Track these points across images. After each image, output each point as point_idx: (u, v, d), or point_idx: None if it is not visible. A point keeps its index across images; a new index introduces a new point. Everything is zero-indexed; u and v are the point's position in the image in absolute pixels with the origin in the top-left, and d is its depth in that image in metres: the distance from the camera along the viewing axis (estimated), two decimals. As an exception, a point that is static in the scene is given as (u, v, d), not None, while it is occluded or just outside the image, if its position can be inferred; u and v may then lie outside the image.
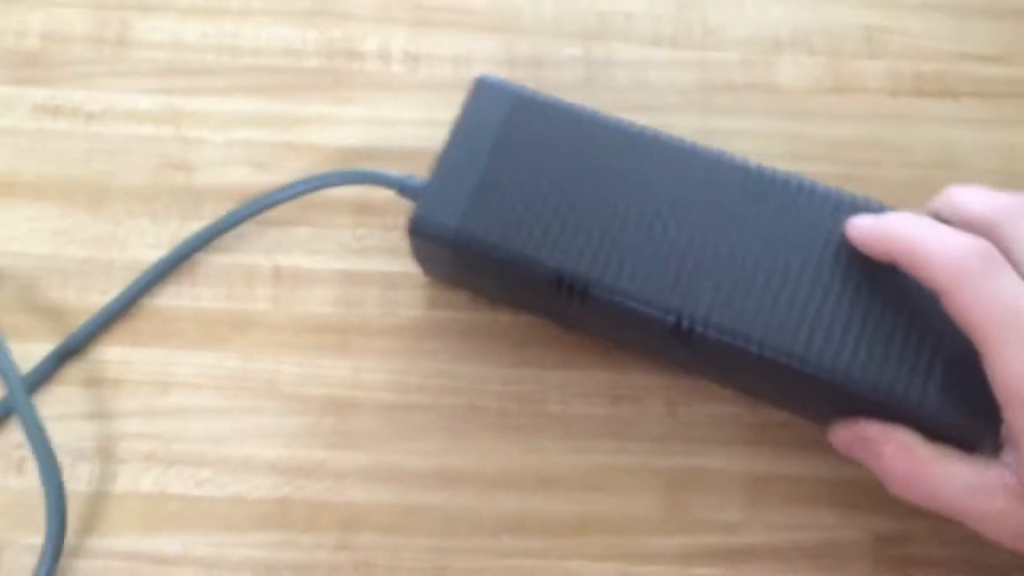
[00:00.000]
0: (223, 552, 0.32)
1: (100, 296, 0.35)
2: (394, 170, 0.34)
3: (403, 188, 0.33)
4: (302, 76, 0.39)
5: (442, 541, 0.33)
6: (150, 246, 0.36)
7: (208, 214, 0.37)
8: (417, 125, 0.38)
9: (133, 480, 0.33)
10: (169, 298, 0.35)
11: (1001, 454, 0.27)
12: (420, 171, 0.34)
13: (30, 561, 0.32)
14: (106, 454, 0.33)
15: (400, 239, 0.36)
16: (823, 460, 0.33)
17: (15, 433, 0.33)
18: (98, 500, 0.33)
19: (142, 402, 0.34)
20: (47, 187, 0.37)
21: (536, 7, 0.40)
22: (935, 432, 0.29)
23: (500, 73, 0.37)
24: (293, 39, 0.40)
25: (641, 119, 0.33)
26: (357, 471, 0.33)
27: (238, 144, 0.38)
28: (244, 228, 0.36)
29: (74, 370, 0.34)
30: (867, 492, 0.33)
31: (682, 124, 0.38)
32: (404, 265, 0.36)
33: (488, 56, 0.39)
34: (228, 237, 0.36)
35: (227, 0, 0.40)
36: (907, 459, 0.28)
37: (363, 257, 0.36)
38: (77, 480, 0.33)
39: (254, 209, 0.35)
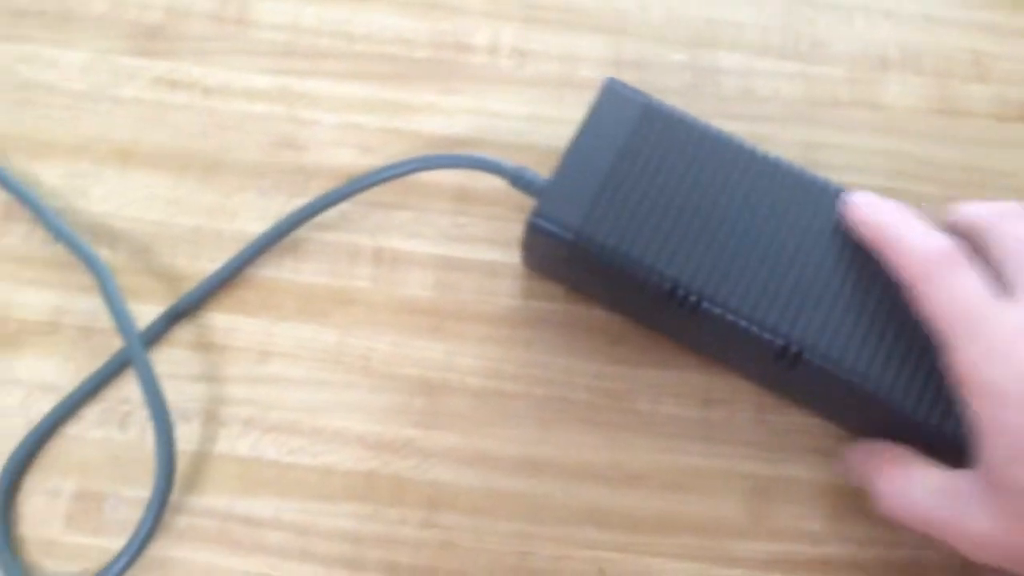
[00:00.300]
0: (313, 520, 0.32)
1: (208, 263, 0.36)
2: (498, 161, 0.34)
3: (517, 179, 0.33)
4: (412, 65, 0.39)
5: (526, 527, 0.32)
6: (257, 219, 0.37)
7: (314, 192, 0.37)
8: (521, 119, 0.38)
9: (231, 444, 0.33)
10: (274, 270, 0.36)
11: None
12: (523, 164, 0.34)
13: (128, 512, 0.32)
14: (208, 416, 0.34)
15: (499, 228, 0.36)
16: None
17: (123, 389, 0.34)
18: (198, 460, 0.33)
19: (244, 369, 0.34)
20: (163, 157, 0.37)
21: (645, 11, 0.40)
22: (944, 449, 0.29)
23: (606, 74, 0.37)
24: (406, 29, 0.40)
25: (744, 128, 0.33)
26: (444, 452, 0.33)
27: (347, 127, 0.38)
28: (349, 208, 0.37)
29: (183, 332, 0.35)
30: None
31: (785, 135, 0.37)
32: (502, 254, 0.36)
33: (595, 56, 0.39)
34: (333, 216, 0.37)
35: (345, -13, 0.40)
36: (901, 472, 0.28)
37: (462, 244, 0.36)
38: (180, 439, 0.33)
39: (362, 184, 0.35)
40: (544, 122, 0.38)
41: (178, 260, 0.36)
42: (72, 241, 0.35)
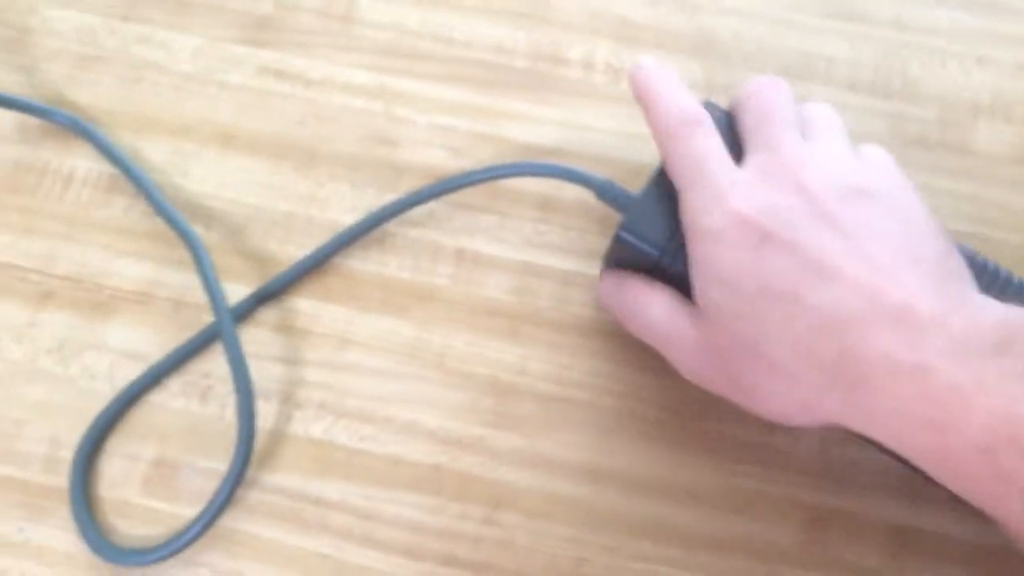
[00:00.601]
0: (377, 506, 0.33)
1: (298, 249, 0.36)
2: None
3: (604, 192, 0.33)
4: (508, 74, 0.39)
5: (584, 534, 0.32)
6: (348, 210, 0.37)
7: (404, 189, 0.37)
8: (609, 134, 0.38)
9: (305, 426, 0.34)
10: (360, 261, 0.36)
11: None
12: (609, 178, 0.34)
13: (202, 483, 0.33)
14: (285, 397, 0.34)
15: (578, 239, 0.36)
16: (972, 522, 0.32)
17: (207, 363, 0.34)
18: (273, 438, 0.34)
19: (323, 354, 0.35)
20: (263, 143, 0.38)
21: (740, 39, 0.40)
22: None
23: (697, 98, 0.37)
24: (504, 38, 0.40)
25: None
26: (511, 452, 0.33)
27: (440, 128, 0.38)
28: (436, 207, 0.37)
29: (268, 314, 0.35)
30: (1020, 565, 0.31)
31: (871, 171, 0.37)
32: (580, 264, 0.36)
33: (687, 79, 0.39)
34: (420, 213, 0.37)
35: (449, -7, 0.41)
36: (629, 290, 0.32)
37: (543, 251, 0.36)
38: (258, 416, 0.34)
39: (453, 185, 0.35)
40: (631, 139, 0.38)
41: (269, 243, 0.37)
42: (171, 217, 0.36)
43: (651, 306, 0.31)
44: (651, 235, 0.31)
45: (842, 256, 0.27)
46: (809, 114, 0.31)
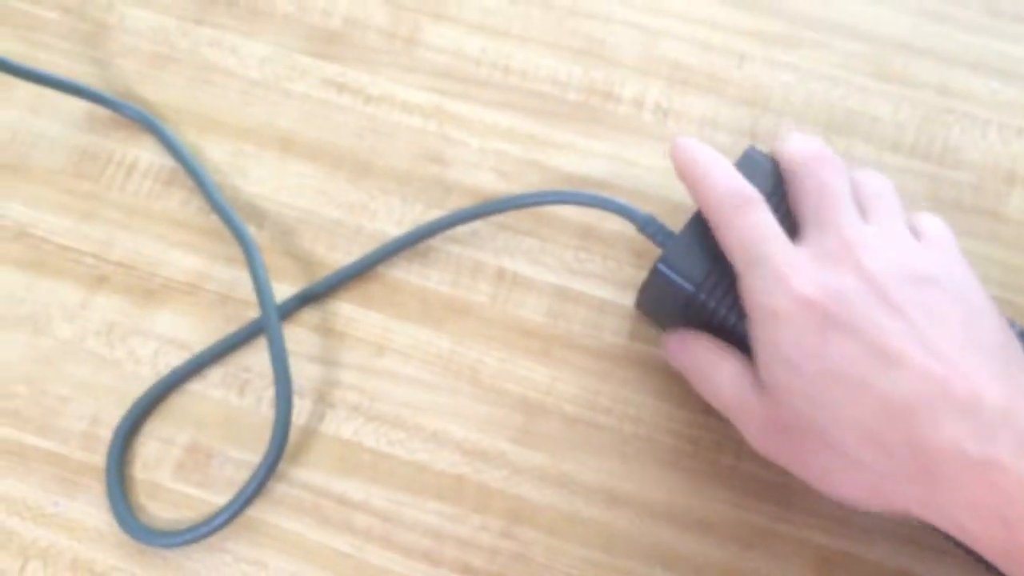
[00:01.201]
0: (399, 510, 0.33)
1: (343, 255, 0.37)
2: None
3: (646, 225, 0.33)
4: (560, 105, 0.40)
5: (599, 555, 0.32)
6: (395, 223, 0.37)
7: (451, 207, 0.38)
8: (654, 171, 0.38)
9: (336, 425, 0.34)
10: (402, 272, 0.36)
11: None
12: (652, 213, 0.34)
13: (233, 472, 0.33)
14: (319, 396, 0.34)
15: (615, 269, 0.36)
16: (985, 581, 0.31)
17: (247, 357, 0.35)
18: (304, 435, 0.34)
19: (359, 358, 0.35)
20: (320, 151, 0.39)
21: (788, 91, 0.40)
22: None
23: (740, 145, 0.37)
24: (560, 71, 0.40)
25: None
26: (533, 469, 0.33)
27: (491, 152, 0.39)
28: (480, 227, 0.37)
29: (310, 315, 0.36)
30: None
31: (906, 229, 0.37)
32: (614, 294, 0.36)
33: (733, 125, 0.39)
34: (464, 231, 0.37)
35: (510, 25, 0.41)
36: (698, 353, 0.31)
37: (580, 277, 0.36)
38: (293, 412, 0.34)
39: (500, 206, 0.36)
40: (674, 177, 0.38)
41: (317, 247, 0.37)
42: (226, 214, 0.36)
43: (719, 373, 0.30)
44: (689, 271, 0.31)
45: (907, 342, 0.26)
46: (866, 189, 0.30)
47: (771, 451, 0.29)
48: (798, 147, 0.31)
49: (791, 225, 0.31)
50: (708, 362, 0.30)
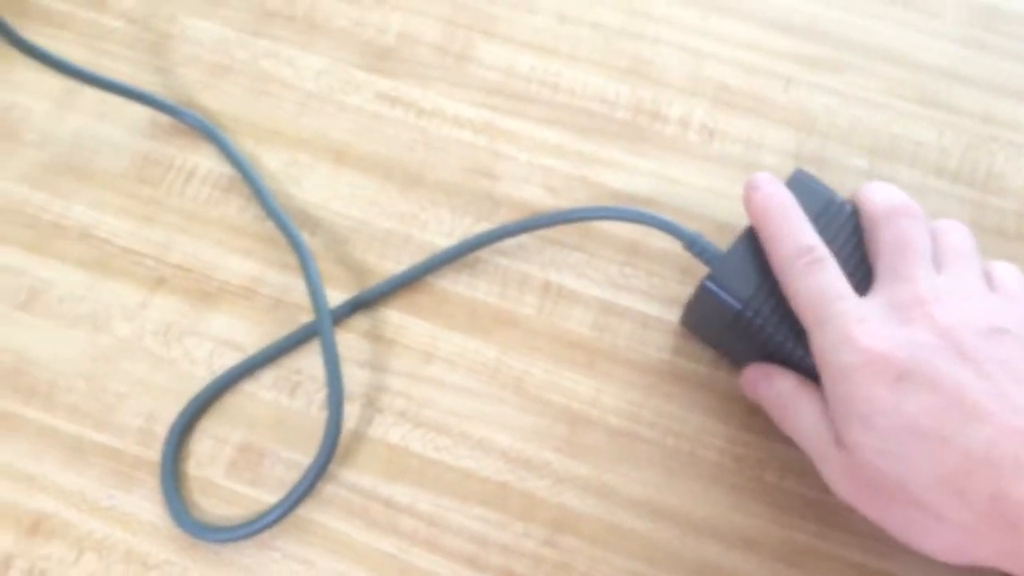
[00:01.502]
0: (444, 515, 0.33)
1: (393, 264, 0.37)
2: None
3: (692, 243, 0.33)
4: (608, 123, 0.40)
5: (641, 567, 0.32)
6: (444, 234, 0.38)
7: (500, 219, 0.38)
8: (699, 190, 0.39)
9: (384, 430, 0.34)
10: (450, 282, 0.37)
11: None
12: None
13: (283, 472, 0.33)
14: (367, 400, 0.35)
15: (660, 285, 0.36)
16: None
17: (299, 360, 0.35)
18: (353, 438, 0.34)
19: (407, 365, 0.35)
20: (372, 163, 0.39)
21: (833, 115, 0.40)
22: None
23: (785, 166, 0.37)
24: (608, 90, 0.41)
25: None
26: (576, 480, 0.33)
27: (539, 167, 0.39)
28: (528, 240, 0.37)
29: (359, 321, 0.36)
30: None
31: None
32: (659, 310, 0.36)
33: (778, 147, 0.39)
34: (512, 244, 0.37)
35: (559, 44, 0.41)
36: (783, 390, 0.31)
37: (625, 292, 0.37)
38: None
39: (548, 220, 0.36)
40: (720, 197, 0.38)
41: (368, 256, 0.37)
42: (282, 221, 0.37)
43: (800, 413, 0.30)
44: (736, 288, 0.31)
45: (984, 396, 0.26)
46: (944, 240, 0.30)
47: (854, 502, 0.28)
48: (879, 198, 0.31)
49: (859, 268, 0.31)
50: (791, 398, 0.30)
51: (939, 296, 0.27)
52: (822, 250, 0.29)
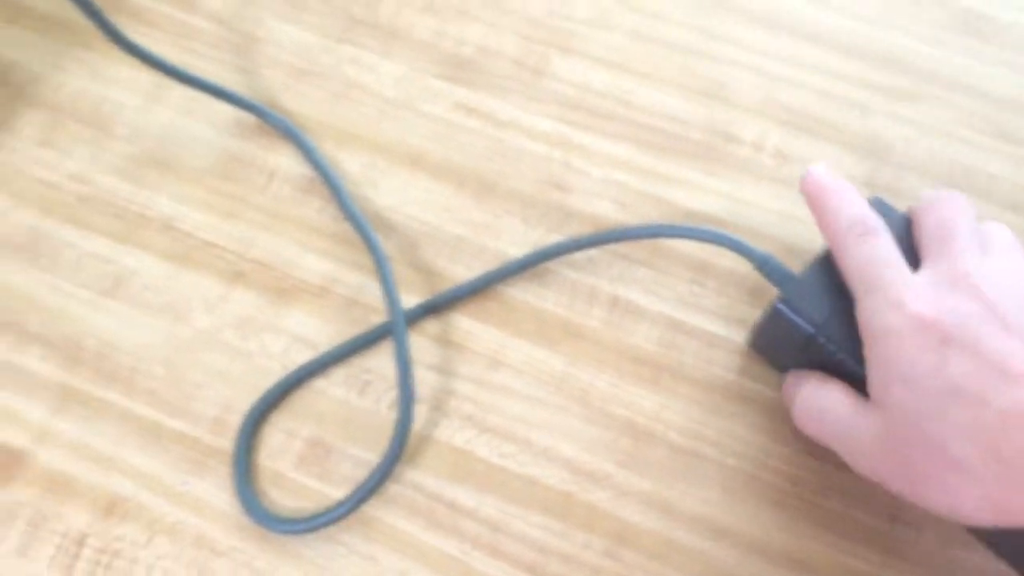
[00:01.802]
0: (507, 521, 0.33)
1: (464, 270, 0.37)
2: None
3: (764, 264, 0.33)
4: (682, 143, 0.39)
5: (700, 584, 0.31)
6: (516, 243, 0.37)
7: (571, 231, 0.38)
8: (770, 213, 0.38)
9: (450, 433, 0.34)
10: (520, 291, 0.37)
11: None
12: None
13: (350, 469, 0.33)
14: (435, 403, 0.34)
15: (728, 305, 0.36)
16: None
17: (369, 359, 0.35)
18: (419, 439, 0.34)
19: (475, 370, 0.35)
20: (448, 170, 0.39)
21: (908, 144, 0.39)
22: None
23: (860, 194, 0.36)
24: (682, 110, 0.40)
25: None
26: (638, 494, 0.33)
27: (611, 182, 0.39)
28: (597, 254, 0.37)
29: (430, 325, 0.36)
30: None
31: None
32: (726, 330, 0.36)
33: (851, 173, 0.39)
34: (582, 257, 0.37)
35: (635, 62, 0.41)
36: (809, 391, 0.31)
37: (693, 310, 0.36)
38: (410, 415, 0.34)
39: (620, 235, 0.36)
40: (791, 220, 0.38)
41: (439, 260, 0.37)
42: (359, 223, 0.37)
43: (826, 400, 0.30)
44: (808, 311, 0.31)
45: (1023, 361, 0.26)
46: (988, 233, 0.30)
47: (882, 472, 0.28)
48: (927, 193, 0.32)
49: (914, 263, 0.31)
50: (815, 392, 0.31)
51: (983, 272, 0.28)
52: (875, 221, 0.30)
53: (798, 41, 0.41)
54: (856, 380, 0.31)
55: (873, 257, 0.29)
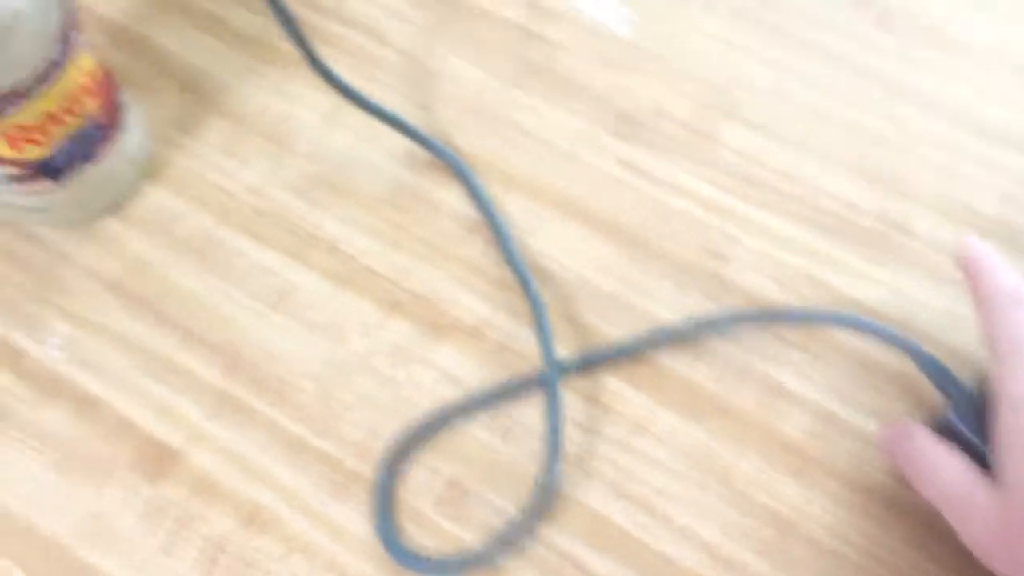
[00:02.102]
0: (638, 593, 0.31)
1: (611, 327, 0.36)
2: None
3: (930, 367, 0.31)
4: (851, 228, 0.37)
5: None
6: (667, 307, 0.36)
7: (724, 303, 0.36)
8: (935, 312, 0.36)
9: (588, 494, 0.33)
10: (670, 359, 0.35)
11: None
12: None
13: (486, 515, 0.32)
14: (577, 462, 0.33)
15: (887, 405, 0.34)
16: None
17: (515, 407, 0.34)
18: (558, 497, 0.32)
19: (619, 433, 0.34)
20: (607, 224, 0.38)
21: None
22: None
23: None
24: (852, 194, 0.38)
25: None
26: (774, 587, 0.31)
27: (772, 259, 0.37)
28: (753, 330, 0.35)
29: (579, 381, 0.35)
30: None
31: None
32: (880, 429, 0.33)
33: None
34: (735, 331, 0.35)
35: (809, 139, 0.40)
36: (924, 446, 0.29)
37: (848, 404, 0.34)
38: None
39: (782, 316, 0.34)
40: (956, 320, 0.35)
41: (588, 314, 0.36)
42: (520, 270, 0.36)
43: (943, 467, 0.29)
44: (981, 426, 0.28)
45: None
46: None
47: (991, 551, 0.27)
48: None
49: None
50: (933, 453, 0.29)
51: None
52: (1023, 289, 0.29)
53: (985, 141, 0.39)
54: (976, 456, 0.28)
55: (1016, 324, 0.28)
